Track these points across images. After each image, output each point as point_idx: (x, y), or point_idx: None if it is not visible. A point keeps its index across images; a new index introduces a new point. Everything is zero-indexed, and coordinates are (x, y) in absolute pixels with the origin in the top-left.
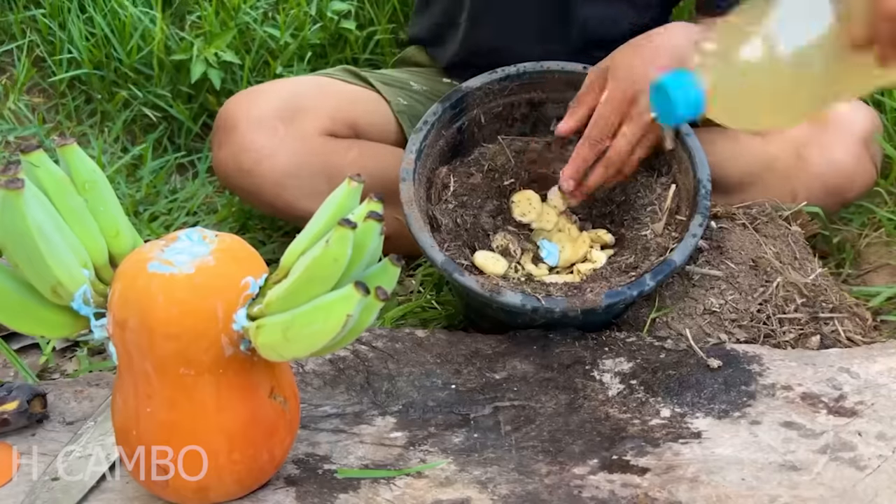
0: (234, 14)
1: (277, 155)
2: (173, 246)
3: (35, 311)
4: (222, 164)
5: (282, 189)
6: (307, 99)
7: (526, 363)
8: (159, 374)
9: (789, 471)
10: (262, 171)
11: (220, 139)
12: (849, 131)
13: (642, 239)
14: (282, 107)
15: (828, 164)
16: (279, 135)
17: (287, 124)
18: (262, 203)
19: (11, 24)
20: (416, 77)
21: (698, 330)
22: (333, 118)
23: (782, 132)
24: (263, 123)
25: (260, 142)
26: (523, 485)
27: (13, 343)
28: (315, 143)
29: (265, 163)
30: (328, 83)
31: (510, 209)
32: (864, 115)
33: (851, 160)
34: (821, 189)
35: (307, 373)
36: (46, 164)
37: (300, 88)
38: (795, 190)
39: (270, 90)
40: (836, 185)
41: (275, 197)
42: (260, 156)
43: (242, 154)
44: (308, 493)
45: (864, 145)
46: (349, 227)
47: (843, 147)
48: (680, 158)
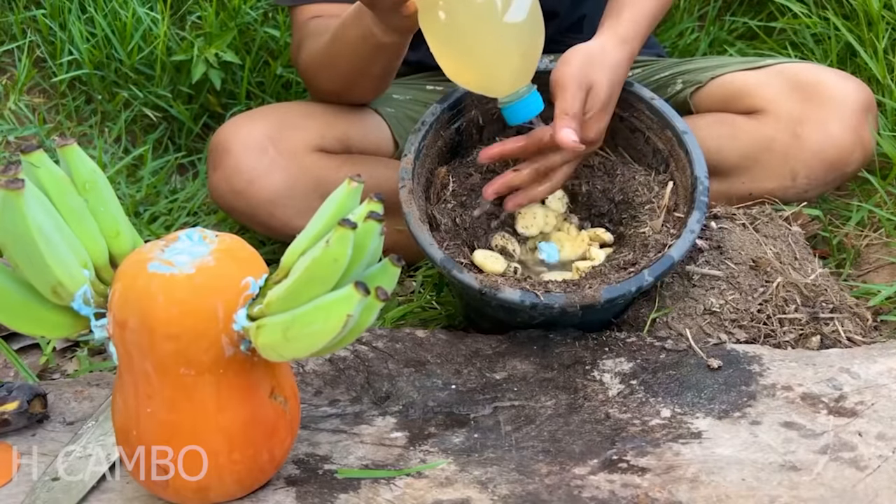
0: (234, 14)
1: (269, 175)
2: (173, 246)
3: (35, 311)
4: (216, 187)
5: (275, 208)
6: (297, 118)
7: (526, 363)
8: (159, 374)
9: (789, 471)
10: (254, 191)
11: (213, 163)
12: (842, 104)
13: (641, 236)
14: (272, 128)
15: (825, 140)
16: (270, 155)
17: (277, 144)
18: (257, 223)
19: (12, 25)
20: (398, 88)
21: (698, 330)
22: (323, 135)
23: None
24: (254, 145)
25: (251, 163)
26: (523, 485)
27: (13, 343)
28: (306, 160)
29: (257, 183)
30: (316, 105)
31: (514, 220)
32: (855, 87)
33: (848, 133)
34: (820, 165)
35: (307, 373)
36: (47, 164)
37: (290, 110)
38: (795, 169)
39: (261, 114)
40: (835, 159)
41: (269, 216)
42: (252, 176)
43: (235, 176)
44: (308, 494)
45: (858, 117)
46: (349, 228)
47: (839, 121)
48: (677, 156)
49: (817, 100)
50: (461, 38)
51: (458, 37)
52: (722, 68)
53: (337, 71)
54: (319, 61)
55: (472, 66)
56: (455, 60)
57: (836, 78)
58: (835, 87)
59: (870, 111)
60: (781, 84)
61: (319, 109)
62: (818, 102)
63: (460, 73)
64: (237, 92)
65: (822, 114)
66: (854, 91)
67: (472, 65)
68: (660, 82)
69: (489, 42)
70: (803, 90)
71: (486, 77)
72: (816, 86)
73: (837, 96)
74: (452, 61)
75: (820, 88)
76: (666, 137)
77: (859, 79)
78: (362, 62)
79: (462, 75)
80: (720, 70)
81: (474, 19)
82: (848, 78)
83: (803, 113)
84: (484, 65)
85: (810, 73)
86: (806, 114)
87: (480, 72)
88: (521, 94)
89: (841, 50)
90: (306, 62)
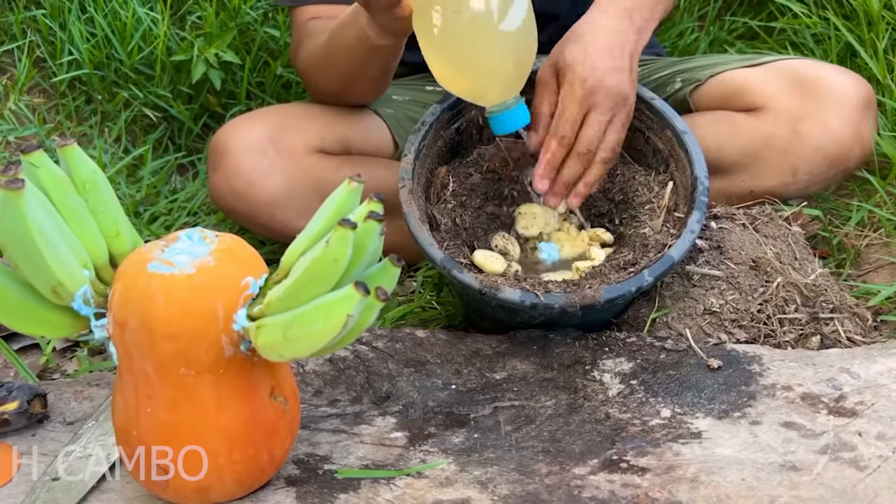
0: (234, 14)
1: (268, 176)
2: (173, 246)
3: (35, 311)
4: (216, 188)
5: (275, 210)
6: (296, 119)
7: (526, 363)
8: (159, 374)
9: (789, 471)
10: (254, 192)
11: (213, 164)
12: (841, 100)
13: (641, 236)
14: (272, 129)
15: (825, 136)
16: (269, 156)
17: (277, 146)
18: (257, 225)
19: (12, 25)
20: (398, 89)
21: (698, 330)
22: (323, 136)
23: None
24: (254, 147)
25: (251, 165)
26: (523, 485)
27: (13, 343)
28: (306, 161)
29: (257, 184)
30: (315, 106)
31: (514, 221)
32: (854, 82)
33: (849, 129)
34: (821, 162)
35: (307, 373)
36: (47, 164)
37: (289, 111)
38: (796, 165)
39: (261, 116)
40: (835, 155)
41: (269, 218)
42: (251, 178)
43: (234, 178)
44: (308, 494)
45: (858, 112)
46: (349, 228)
47: (839, 116)
48: (677, 156)
49: (817, 95)
50: (453, 45)
51: (451, 43)
52: (721, 66)
53: (334, 71)
54: (317, 62)
55: (463, 73)
56: (446, 66)
57: (836, 73)
58: (834, 83)
59: (869, 107)
60: (781, 80)
61: (319, 111)
62: (818, 98)
63: (451, 79)
64: (237, 92)
65: (822, 109)
66: (854, 86)
67: (464, 72)
68: (659, 81)
69: (482, 50)
70: (803, 86)
71: (476, 85)
72: (816, 81)
73: (837, 91)
74: (444, 66)
75: (819, 84)
76: (666, 137)
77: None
78: (359, 63)
79: (453, 82)
80: (719, 68)
81: (468, 26)
82: (847, 73)
83: (803, 109)
84: (475, 72)
85: (809, 69)
86: (806, 110)
87: (471, 79)
88: (508, 105)
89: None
90: (305, 62)
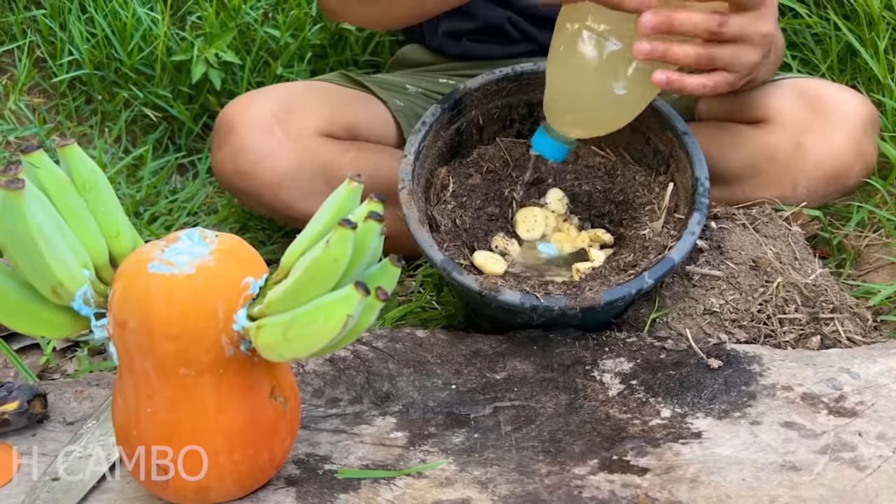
0: (234, 14)
1: (275, 156)
2: (173, 246)
3: (35, 311)
4: (221, 166)
5: (280, 190)
6: (304, 100)
7: (526, 363)
8: (159, 374)
9: (789, 471)
10: (259, 171)
11: (218, 141)
12: (845, 118)
13: (641, 238)
14: (279, 108)
15: (827, 151)
16: (276, 136)
17: (284, 125)
18: (261, 204)
19: (12, 25)
20: (411, 79)
21: (698, 330)
22: (330, 120)
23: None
24: (261, 125)
25: (257, 143)
26: (523, 485)
27: (13, 343)
28: (312, 143)
29: (263, 164)
30: (324, 86)
31: (514, 224)
32: (859, 101)
33: (850, 147)
34: (821, 178)
35: (307, 373)
36: (47, 164)
37: (297, 90)
38: (796, 179)
39: (268, 93)
40: (835, 171)
41: (273, 198)
42: (258, 157)
43: (240, 156)
44: (308, 494)
45: (861, 131)
46: (349, 228)
47: (842, 134)
48: (678, 157)
49: (822, 111)
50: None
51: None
52: None
53: None
54: None
55: (558, 87)
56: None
57: (841, 92)
58: (839, 100)
59: (873, 127)
60: (788, 95)
61: (327, 91)
62: (823, 114)
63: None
64: (237, 92)
65: (827, 125)
66: (858, 106)
67: (560, 86)
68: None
69: (583, 88)
70: (809, 101)
71: (560, 105)
72: (821, 98)
73: (841, 109)
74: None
75: (825, 100)
76: (666, 138)
77: (861, 89)
78: None
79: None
80: None
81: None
82: (852, 93)
83: (808, 123)
84: (568, 96)
85: (815, 87)
86: (811, 124)
87: (561, 99)
88: (564, 139)
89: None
90: None
